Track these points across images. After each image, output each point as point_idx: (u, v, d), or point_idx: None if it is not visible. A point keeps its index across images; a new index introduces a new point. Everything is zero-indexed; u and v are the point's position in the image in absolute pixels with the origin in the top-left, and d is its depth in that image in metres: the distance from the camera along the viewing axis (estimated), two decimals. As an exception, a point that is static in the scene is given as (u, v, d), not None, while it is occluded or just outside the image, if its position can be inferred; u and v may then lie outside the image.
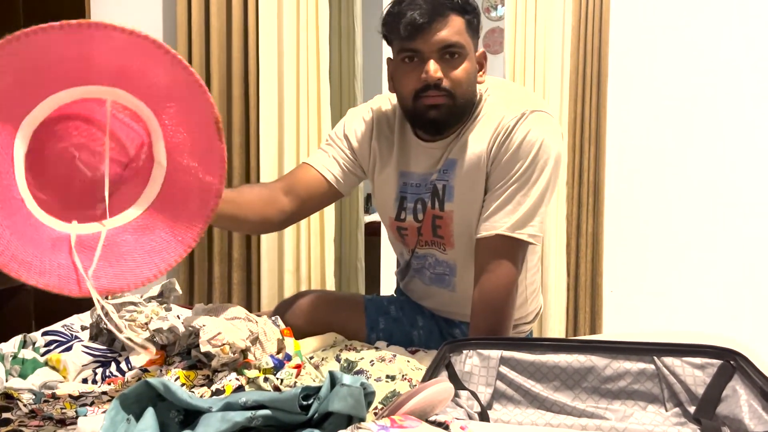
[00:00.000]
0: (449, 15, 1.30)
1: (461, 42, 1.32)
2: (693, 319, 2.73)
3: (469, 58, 1.34)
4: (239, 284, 2.75)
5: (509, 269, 1.35)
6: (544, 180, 1.35)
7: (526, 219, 1.34)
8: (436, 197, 1.45)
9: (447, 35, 1.30)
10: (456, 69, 1.33)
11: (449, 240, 1.47)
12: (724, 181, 2.69)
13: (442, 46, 1.31)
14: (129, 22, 2.93)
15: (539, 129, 1.35)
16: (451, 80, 1.33)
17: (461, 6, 1.32)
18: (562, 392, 1.09)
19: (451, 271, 1.51)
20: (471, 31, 1.34)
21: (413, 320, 1.62)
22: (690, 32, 2.68)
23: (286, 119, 2.67)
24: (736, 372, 1.01)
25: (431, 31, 1.29)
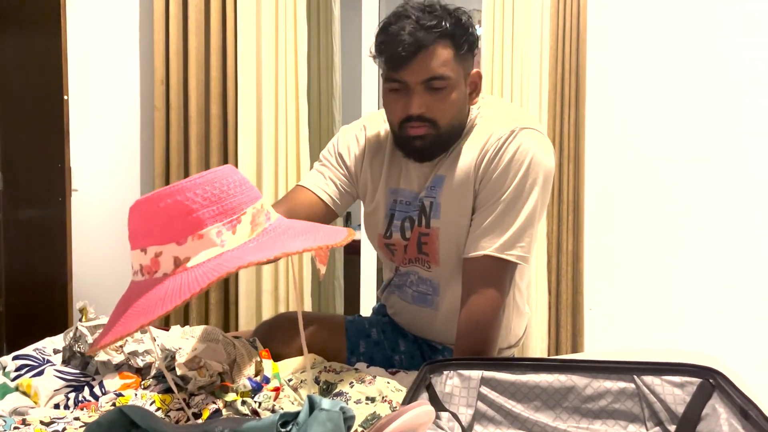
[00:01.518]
0: (436, 44, 1.28)
1: (446, 73, 1.30)
2: (673, 336, 2.74)
3: (456, 86, 1.32)
4: (216, 304, 2.71)
5: (497, 291, 1.33)
6: (533, 199, 1.34)
7: (515, 239, 1.33)
8: (423, 214, 1.43)
9: (431, 68, 1.29)
10: (441, 100, 1.31)
11: (434, 257, 1.45)
12: (704, 199, 2.72)
13: (426, 78, 1.29)
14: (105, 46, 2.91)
15: (529, 146, 1.33)
16: (435, 111, 1.32)
17: (450, 32, 1.29)
18: (543, 412, 1.08)
19: (434, 290, 1.49)
20: (460, 57, 1.32)
21: (395, 344, 1.60)
22: (668, 49, 2.71)
23: (265, 139, 2.66)
24: (716, 390, 1.01)
25: (415, 64, 1.28)
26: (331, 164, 1.54)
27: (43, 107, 2.36)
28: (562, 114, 2.68)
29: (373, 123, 1.55)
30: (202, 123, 2.68)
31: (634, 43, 2.74)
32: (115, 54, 2.79)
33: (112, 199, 2.82)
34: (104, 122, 2.79)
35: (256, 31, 2.65)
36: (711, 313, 2.74)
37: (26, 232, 2.43)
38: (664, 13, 2.71)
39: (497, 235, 1.32)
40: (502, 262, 1.33)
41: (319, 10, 3.30)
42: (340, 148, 1.54)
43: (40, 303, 2.39)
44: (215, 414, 1.05)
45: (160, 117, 2.67)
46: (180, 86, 2.67)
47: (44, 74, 2.35)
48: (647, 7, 2.73)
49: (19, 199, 2.41)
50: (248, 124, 2.65)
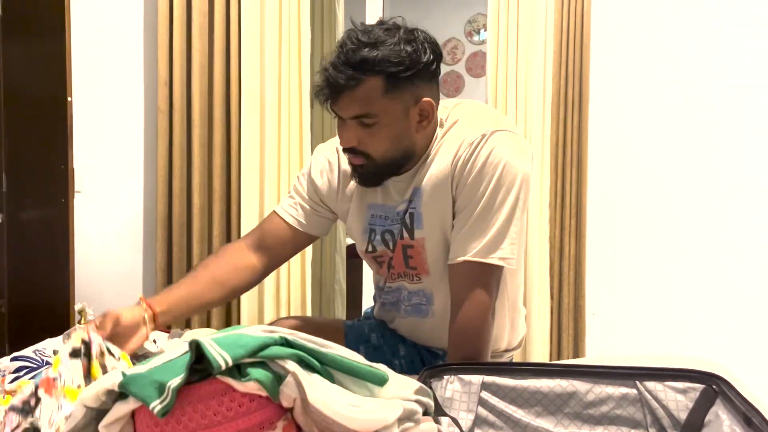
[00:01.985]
0: (363, 81, 1.24)
1: (372, 111, 1.26)
2: (676, 342, 2.73)
3: (388, 122, 1.28)
4: (218, 309, 2.71)
5: (483, 295, 1.31)
6: (510, 200, 1.31)
7: (495, 242, 1.31)
8: (404, 227, 1.41)
9: (356, 107, 1.26)
10: (371, 135, 1.29)
11: (423, 268, 1.43)
12: (707, 205, 2.71)
13: (353, 116, 1.28)
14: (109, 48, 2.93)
15: (501, 149, 1.30)
16: (366, 145, 1.31)
17: (379, 68, 1.23)
18: (544, 418, 1.07)
19: (428, 300, 1.48)
20: (394, 90, 1.25)
21: (395, 349, 1.60)
22: (671, 54, 2.71)
23: (267, 141, 2.66)
24: (719, 397, 1.00)
25: (341, 102, 1.27)
26: (303, 188, 1.55)
27: (46, 109, 2.36)
28: (565, 118, 2.68)
29: None
30: (205, 125, 2.68)
31: (637, 48, 2.74)
32: (119, 56, 2.80)
33: (115, 200, 2.82)
34: (107, 124, 2.80)
35: (259, 33, 2.65)
36: (713, 319, 2.73)
37: (29, 233, 2.43)
38: (667, 17, 2.71)
39: (477, 239, 1.31)
40: (485, 266, 1.31)
41: (323, 12, 3.30)
42: (312, 171, 1.54)
43: (42, 304, 2.38)
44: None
45: (163, 119, 2.67)
46: (183, 88, 2.67)
47: (48, 76, 2.35)
48: (651, 12, 2.73)
49: (22, 200, 2.41)
50: (251, 126, 2.65)
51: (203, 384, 0.78)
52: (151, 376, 0.78)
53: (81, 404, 0.82)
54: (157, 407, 0.76)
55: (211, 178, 2.70)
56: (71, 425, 0.82)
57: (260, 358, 0.80)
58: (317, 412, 0.79)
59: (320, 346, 0.86)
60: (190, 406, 0.78)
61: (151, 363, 0.82)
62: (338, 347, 0.88)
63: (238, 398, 0.78)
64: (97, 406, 0.82)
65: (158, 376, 0.78)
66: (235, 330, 0.85)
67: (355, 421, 0.81)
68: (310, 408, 0.79)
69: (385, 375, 0.88)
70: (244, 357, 0.79)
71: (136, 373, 0.79)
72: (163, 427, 0.78)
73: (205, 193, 2.71)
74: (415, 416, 0.88)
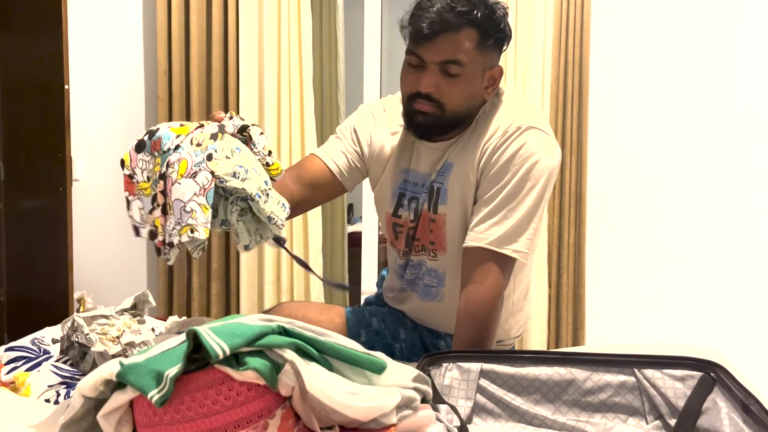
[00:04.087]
0: (462, 29, 1.27)
1: (463, 60, 1.29)
2: (675, 330, 2.73)
3: (472, 75, 1.32)
4: (218, 295, 2.71)
5: (495, 281, 1.32)
6: (533, 196, 1.33)
7: (512, 235, 1.32)
8: (431, 199, 1.43)
9: (450, 51, 1.29)
10: (452, 85, 1.32)
11: (441, 243, 1.45)
12: (707, 192, 2.71)
13: (442, 60, 1.30)
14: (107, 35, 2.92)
15: (533, 145, 1.33)
16: (443, 94, 1.32)
17: (478, 22, 1.28)
18: (543, 405, 1.07)
19: (438, 281, 1.49)
20: (483, 49, 1.31)
21: (395, 333, 1.60)
22: (672, 43, 2.70)
23: (267, 129, 2.65)
24: (717, 384, 1.00)
25: (435, 44, 1.29)
26: (345, 138, 1.55)
27: (44, 97, 2.36)
28: (564, 106, 2.67)
29: (391, 105, 1.55)
30: (204, 113, 2.67)
31: (637, 36, 2.72)
32: (118, 43, 2.79)
33: (113, 189, 2.81)
34: (105, 112, 2.79)
35: (258, 21, 2.63)
36: (712, 307, 2.73)
37: (27, 221, 2.43)
38: (667, 5, 2.69)
39: (494, 225, 1.32)
40: (499, 255, 1.32)
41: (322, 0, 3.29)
42: (355, 124, 1.55)
43: (41, 292, 2.39)
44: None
45: (162, 107, 2.66)
46: (182, 77, 2.66)
47: (45, 64, 2.34)
48: (650, 0, 2.71)
49: (20, 189, 2.41)
50: (250, 114, 2.65)
51: (201, 373, 0.78)
52: (149, 366, 0.78)
53: (79, 394, 0.82)
54: (155, 396, 0.76)
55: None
56: (69, 415, 0.82)
57: (258, 347, 0.80)
58: (315, 399, 0.79)
59: (318, 335, 0.86)
60: (188, 395, 0.78)
61: (149, 352, 0.82)
62: (336, 335, 0.88)
63: (236, 387, 0.78)
64: (95, 395, 0.82)
65: (156, 366, 0.78)
66: (233, 319, 0.85)
67: (353, 409, 0.81)
68: (309, 396, 0.79)
69: (383, 363, 0.88)
70: (242, 346, 0.78)
71: (133, 362, 0.79)
72: (161, 416, 0.78)
73: (204, 181, 2.70)
74: (413, 404, 0.88)
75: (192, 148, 1.06)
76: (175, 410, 0.77)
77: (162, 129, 1.09)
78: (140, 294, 1.42)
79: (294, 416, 0.83)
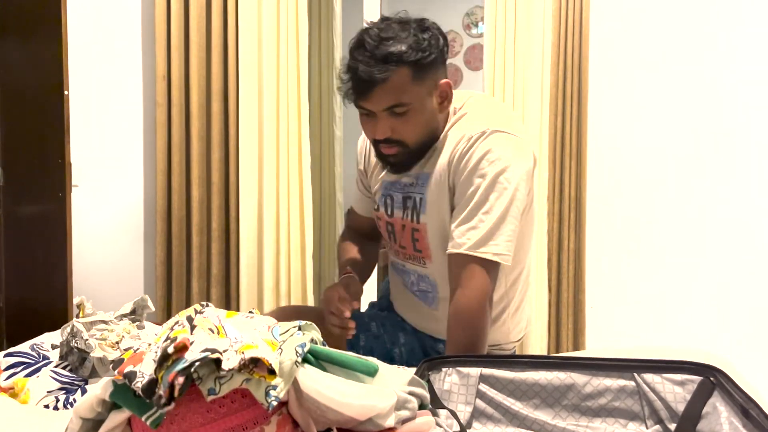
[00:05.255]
0: (392, 74, 1.31)
1: (405, 100, 1.33)
2: (675, 335, 2.73)
3: (420, 107, 1.36)
4: (218, 300, 2.71)
5: (479, 284, 1.33)
6: (504, 200, 1.34)
7: (487, 238, 1.33)
8: (414, 210, 1.48)
9: (389, 99, 1.33)
10: (404, 123, 1.36)
11: (427, 253, 1.48)
12: (707, 197, 2.71)
13: (386, 107, 1.34)
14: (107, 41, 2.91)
15: (497, 150, 1.35)
16: (401, 133, 1.37)
17: (405, 59, 1.31)
18: (542, 410, 1.07)
19: (432, 288, 1.51)
20: (420, 77, 1.34)
21: (395, 338, 1.61)
22: (671, 46, 2.70)
23: (266, 134, 2.65)
24: (716, 389, 1.00)
25: (373, 97, 1.33)
26: (360, 180, 1.71)
27: (43, 102, 2.36)
28: (564, 110, 2.67)
29: None
30: (203, 119, 2.67)
31: (636, 40, 2.73)
32: (117, 49, 2.79)
33: (113, 195, 2.82)
34: (105, 118, 2.79)
35: (257, 27, 2.64)
36: (712, 313, 2.73)
37: (26, 227, 2.43)
38: (666, 8, 2.70)
39: (470, 230, 1.34)
40: (479, 259, 1.34)
41: (320, 6, 3.29)
42: (359, 165, 1.70)
43: (40, 299, 2.38)
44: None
45: (161, 113, 2.66)
46: (181, 82, 2.66)
47: (45, 69, 2.34)
48: (650, 2, 2.71)
49: (20, 195, 2.40)
50: (249, 119, 2.65)
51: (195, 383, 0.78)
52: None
53: (77, 416, 0.82)
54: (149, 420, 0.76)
55: (210, 171, 2.69)
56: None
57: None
58: (311, 400, 0.79)
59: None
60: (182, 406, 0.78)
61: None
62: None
63: (230, 395, 0.78)
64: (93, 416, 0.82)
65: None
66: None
67: (348, 407, 0.81)
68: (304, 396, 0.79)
69: (375, 366, 0.88)
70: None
71: (125, 384, 0.79)
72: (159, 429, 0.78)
73: (204, 186, 2.70)
74: (408, 404, 0.88)
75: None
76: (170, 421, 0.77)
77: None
78: (139, 299, 1.42)
79: (291, 422, 0.83)
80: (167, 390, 0.73)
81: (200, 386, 0.76)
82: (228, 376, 0.76)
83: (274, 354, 0.80)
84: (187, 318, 0.86)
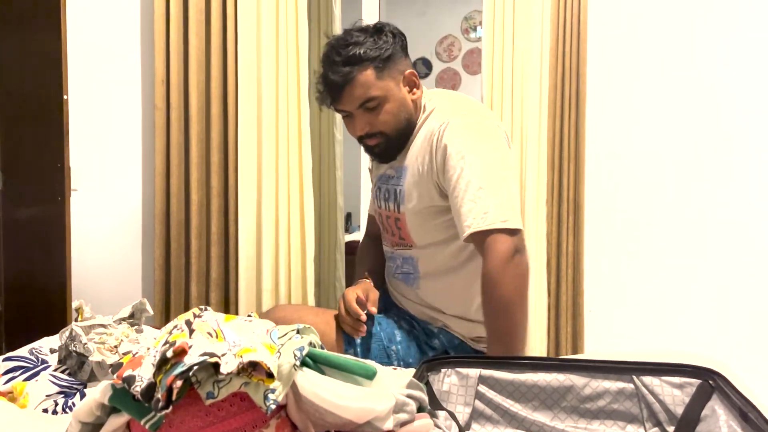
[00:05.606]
0: (355, 76, 1.48)
1: (374, 94, 1.50)
2: (674, 339, 2.73)
3: (389, 97, 1.52)
4: (217, 304, 2.71)
5: (500, 250, 1.36)
6: (491, 172, 1.42)
7: (492, 210, 1.38)
8: (395, 201, 1.62)
9: (358, 97, 1.50)
10: (378, 115, 1.53)
11: (409, 239, 1.62)
12: (705, 200, 2.71)
13: (358, 105, 1.51)
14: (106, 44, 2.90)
15: (462, 132, 1.46)
16: (377, 125, 1.54)
17: (366, 58, 1.48)
18: (541, 412, 1.07)
19: (414, 269, 1.63)
20: (384, 72, 1.51)
21: (391, 335, 1.63)
22: (669, 49, 2.71)
23: (265, 138, 2.65)
24: (715, 392, 1.00)
25: (344, 98, 1.51)
26: (371, 181, 1.82)
27: (42, 106, 2.36)
28: (562, 114, 2.68)
29: None
30: (202, 122, 2.68)
31: (634, 43, 2.74)
32: (116, 53, 2.79)
33: (112, 198, 2.82)
34: (104, 121, 2.79)
35: (256, 30, 2.64)
36: (712, 315, 2.73)
37: (25, 231, 2.43)
38: (664, 11, 2.71)
39: (472, 212, 1.40)
40: (489, 231, 1.38)
41: (320, 9, 3.30)
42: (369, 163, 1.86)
43: (39, 303, 2.38)
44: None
45: (160, 116, 2.66)
46: (181, 85, 2.66)
47: (44, 73, 2.34)
48: (648, 7, 2.72)
49: (19, 199, 2.40)
50: (249, 124, 2.65)
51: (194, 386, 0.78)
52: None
53: (76, 420, 0.82)
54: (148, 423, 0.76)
55: (209, 174, 2.70)
56: None
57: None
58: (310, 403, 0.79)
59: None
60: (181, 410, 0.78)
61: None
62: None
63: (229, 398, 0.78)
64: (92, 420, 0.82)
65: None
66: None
67: (347, 409, 0.81)
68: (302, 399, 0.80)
69: (373, 369, 0.88)
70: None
71: (124, 388, 0.79)
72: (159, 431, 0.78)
73: (203, 189, 2.70)
74: (406, 407, 0.88)
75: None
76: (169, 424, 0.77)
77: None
78: (138, 303, 1.42)
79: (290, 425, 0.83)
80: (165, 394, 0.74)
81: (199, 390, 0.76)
82: (226, 379, 0.77)
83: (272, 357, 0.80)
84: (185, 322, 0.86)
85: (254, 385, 0.77)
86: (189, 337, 0.81)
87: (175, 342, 0.78)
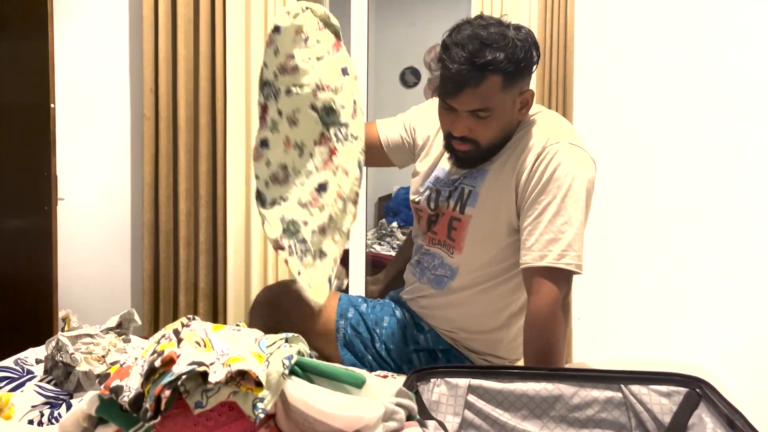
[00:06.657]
0: (484, 80, 1.34)
1: (490, 105, 1.37)
2: (662, 347, 2.74)
3: (501, 113, 1.40)
4: (205, 314, 2.69)
5: (551, 291, 1.36)
6: (577, 211, 1.40)
7: (562, 248, 1.38)
8: (459, 199, 1.50)
9: (476, 102, 1.37)
10: (484, 125, 1.40)
11: (459, 244, 1.51)
12: (695, 208, 2.71)
13: (471, 110, 1.38)
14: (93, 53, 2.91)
15: (572, 162, 1.40)
16: (477, 134, 1.41)
17: (501, 66, 1.34)
18: (530, 421, 1.07)
19: (451, 274, 1.55)
20: (510, 84, 1.37)
21: (380, 318, 1.64)
22: (657, 48, 2.69)
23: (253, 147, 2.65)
24: (702, 400, 1.00)
25: (462, 98, 1.37)
26: (408, 117, 1.70)
27: (29, 115, 2.35)
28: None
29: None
30: (191, 132, 2.67)
31: (622, 42, 2.72)
32: (104, 62, 2.79)
33: (99, 208, 2.80)
34: (91, 131, 2.78)
35: (245, 39, 2.64)
36: (700, 324, 2.74)
37: (12, 240, 2.41)
38: (652, 10, 2.70)
39: (553, 245, 1.38)
40: (550, 269, 1.37)
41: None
42: (421, 117, 1.67)
43: (26, 312, 2.36)
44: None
45: (149, 126, 2.65)
46: (169, 95, 2.66)
47: (31, 82, 2.33)
48: (635, 4, 2.71)
49: (5, 208, 2.39)
50: (237, 132, 2.65)
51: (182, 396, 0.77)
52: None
53: (62, 431, 0.82)
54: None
55: (197, 184, 2.69)
56: None
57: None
58: (299, 411, 0.79)
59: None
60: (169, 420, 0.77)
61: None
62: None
63: (218, 407, 0.78)
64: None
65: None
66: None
67: (336, 418, 0.81)
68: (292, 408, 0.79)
69: (362, 377, 0.88)
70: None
71: (111, 399, 0.78)
72: None
73: (192, 199, 2.69)
74: (395, 415, 0.88)
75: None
76: None
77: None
78: (125, 313, 1.41)
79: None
80: (153, 403, 0.73)
81: (187, 399, 0.76)
82: (215, 389, 0.77)
83: (261, 366, 0.80)
84: (173, 331, 0.86)
85: (243, 394, 0.77)
86: (177, 346, 0.81)
87: (164, 351, 0.77)
